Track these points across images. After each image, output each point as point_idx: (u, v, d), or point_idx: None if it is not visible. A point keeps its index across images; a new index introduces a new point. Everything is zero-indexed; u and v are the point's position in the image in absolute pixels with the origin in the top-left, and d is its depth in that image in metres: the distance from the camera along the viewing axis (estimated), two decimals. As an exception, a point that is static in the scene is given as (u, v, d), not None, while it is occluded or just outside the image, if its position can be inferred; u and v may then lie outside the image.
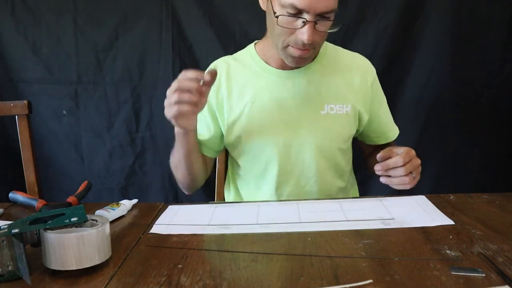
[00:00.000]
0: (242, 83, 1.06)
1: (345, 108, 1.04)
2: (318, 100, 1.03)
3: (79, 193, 0.94)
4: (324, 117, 1.03)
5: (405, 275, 0.57)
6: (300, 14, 0.87)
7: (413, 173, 0.88)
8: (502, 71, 1.61)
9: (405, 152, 0.88)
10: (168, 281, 0.59)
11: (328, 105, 1.03)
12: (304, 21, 0.87)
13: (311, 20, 0.86)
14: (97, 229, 0.61)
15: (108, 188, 1.76)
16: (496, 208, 0.83)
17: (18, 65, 1.69)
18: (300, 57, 0.94)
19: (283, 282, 0.57)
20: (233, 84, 1.06)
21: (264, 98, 1.03)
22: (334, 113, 1.03)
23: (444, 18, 1.56)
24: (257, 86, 1.04)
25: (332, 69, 1.05)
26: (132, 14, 1.64)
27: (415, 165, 0.88)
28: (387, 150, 0.90)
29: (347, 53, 1.11)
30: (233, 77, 1.07)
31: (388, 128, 1.16)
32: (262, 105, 1.03)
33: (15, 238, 0.60)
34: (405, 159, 0.87)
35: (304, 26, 0.87)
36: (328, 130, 1.04)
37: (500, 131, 1.65)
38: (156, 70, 1.68)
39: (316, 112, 1.03)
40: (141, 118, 1.72)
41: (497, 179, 1.67)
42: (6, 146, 1.69)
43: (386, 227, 0.75)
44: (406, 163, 0.86)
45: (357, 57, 1.11)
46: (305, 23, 0.87)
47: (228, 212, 0.88)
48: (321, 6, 0.85)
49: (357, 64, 1.08)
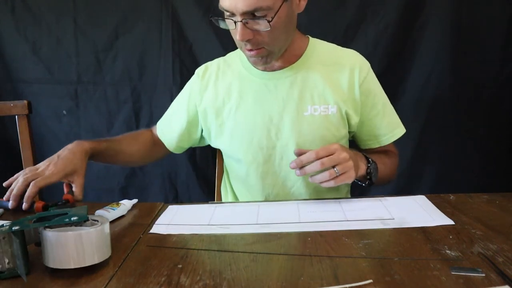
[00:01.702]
0: (228, 86, 1.07)
1: (331, 109, 1.01)
2: (301, 101, 1.01)
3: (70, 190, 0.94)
4: (307, 119, 1.01)
5: (405, 275, 0.57)
6: (233, 16, 0.89)
7: (336, 168, 0.84)
8: (502, 71, 1.60)
9: (324, 147, 0.86)
10: (168, 281, 0.59)
11: (311, 106, 1.01)
12: (235, 21, 0.89)
13: (238, 20, 0.89)
14: (96, 228, 0.61)
15: (108, 188, 1.76)
16: (496, 208, 0.83)
17: (18, 65, 1.69)
18: (252, 57, 0.96)
19: (283, 282, 0.57)
20: (220, 87, 1.08)
21: (249, 100, 1.04)
22: (318, 114, 1.01)
23: (444, 18, 1.56)
24: (242, 89, 1.05)
25: (318, 68, 1.02)
26: (132, 14, 1.64)
27: (336, 159, 0.84)
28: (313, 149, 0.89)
29: (338, 51, 1.07)
30: (221, 80, 1.08)
31: (381, 131, 1.08)
32: (246, 107, 1.04)
33: (15, 235, 0.60)
34: (320, 153, 0.84)
35: (236, 26, 0.90)
36: (311, 131, 1.01)
37: (500, 131, 1.65)
38: (156, 70, 1.68)
39: (298, 113, 1.01)
40: (141, 118, 1.72)
41: (497, 179, 1.67)
42: (6, 146, 1.70)
43: (386, 227, 0.75)
44: (322, 157, 0.84)
45: (347, 54, 1.06)
46: (235, 23, 0.90)
47: (228, 212, 0.88)
48: (242, 6, 0.86)
49: (347, 62, 1.03)
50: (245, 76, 1.06)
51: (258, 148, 1.03)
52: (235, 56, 1.11)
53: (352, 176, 0.86)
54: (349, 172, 0.86)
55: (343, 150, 0.86)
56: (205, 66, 1.13)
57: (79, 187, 0.93)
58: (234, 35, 0.93)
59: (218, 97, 1.07)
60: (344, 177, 0.85)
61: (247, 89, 1.04)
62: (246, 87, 1.05)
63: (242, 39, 0.90)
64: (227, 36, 1.62)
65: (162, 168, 1.74)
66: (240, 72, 1.07)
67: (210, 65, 1.13)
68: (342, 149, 0.86)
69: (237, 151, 1.06)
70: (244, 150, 1.05)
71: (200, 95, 1.10)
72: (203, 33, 1.62)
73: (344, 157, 0.85)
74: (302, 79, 1.02)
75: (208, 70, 1.12)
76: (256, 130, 1.03)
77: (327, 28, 1.57)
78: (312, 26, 1.40)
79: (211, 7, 1.61)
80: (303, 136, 1.01)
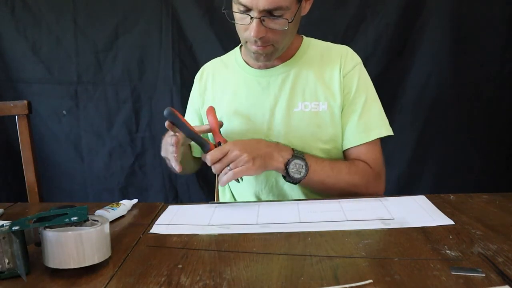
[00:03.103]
0: (223, 85, 1.09)
1: (321, 105, 1.00)
2: (292, 98, 1.01)
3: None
4: (297, 115, 1.01)
5: (405, 275, 0.57)
6: (248, 11, 0.89)
7: (230, 166, 0.88)
8: (502, 71, 1.61)
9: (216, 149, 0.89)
10: (168, 281, 0.59)
11: (302, 102, 1.01)
12: (251, 17, 0.89)
13: (255, 16, 0.88)
14: (96, 228, 0.61)
15: (108, 188, 1.76)
16: (496, 208, 0.83)
17: (18, 65, 1.70)
18: (257, 53, 0.96)
19: (283, 282, 0.57)
20: (217, 86, 1.10)
21: (242, 97, 1.05)
22: (309, 110, 1.00)
23: (444, 18, 1.57)
24: (236, 86, 1.07)
25: (311, 66, 1.03)
26: (132, 14, 1.64)
27: (227, 160, 0.88)
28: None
29: (330, 47, 1.07)
30: (218, 80, 1.11)
31: (352, 130, 1.01)
32: (240, 104, 1.05)
33: (15, 235, 0.60)
34: (214, 156, 0.88)
35: (251, 22, 0.89)
36: (301, 128, 1.00)
37: (500, 131, 1.66)
38: (156, 70, 1.68)
39: (289, 109, 1.01)
40: (141, 118, 1.72)
41: (497, 179, 1.67)
42: (6, 146, 1.70)
43: (386, 227, 0.75)
44: (214, 162, 0.88)
45: (338, 49, 1.05)
46: (252, 19, 0.89)
47: (228, 212, 0.88)
48: (263, 3, 0.86)
49: (335, 57, 1.03)
50: (239, 74, 1.07)
51: None
52: (232, 55, 1.13)
53: (250, 168, 0.88)
54: (246, 164, 0.87)
55: (235, 147, 0.88)
56: (202, 68, 1.16)
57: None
58: (244, 30, 0.94)
59: (215, 96, 1.09)
60: (241, 169, 0.87)
61: (241, 86, 1.06)
62: (240, 85, 1.06)
63: (257, 36, 0.90)
64: (227, 36, 1.64)
65: (162, 168, 1.74)
66: (235, 70, 1.08)
67: (206, 66, 1.16)
68: (234, 147, 0.89)
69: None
70: None
71: (201, 97, 1.12)
72: (203, 33, 1.63)
73: (235, 154, 0.88)
74: (294, 76, 1.03)
75: (205, 71, 1.14)
76: (249, 127, 1.04)
77: (327, 28, 1.58)
78: (312, 26, 1.40)
79: (211, 7, 1.61)
80: (293, 132, 1.01)
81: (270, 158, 0.92)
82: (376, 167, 1.01)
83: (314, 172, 0.94)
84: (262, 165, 0.91)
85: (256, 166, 0.89)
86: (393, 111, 1.64)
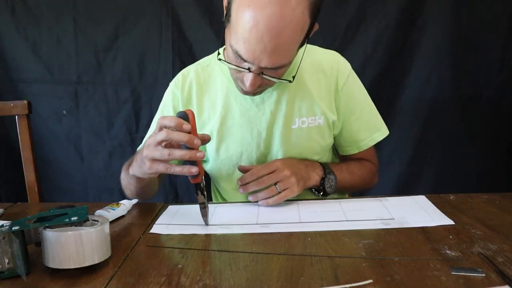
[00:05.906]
0: (213, 99, 1.00)
1: (318, 120, 0.98)
2: (289, 115, 0.97)
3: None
4: (295, 131, 0.98)
5: (405, 275, 0.57)
6: (245, 61, 0.79)
7: (278, 186, 0.87)
8: (502, 71, 1.61)
9: (265, 164, 0.89)
10: (168, 281, 0.59)
11: (299, 118, 0.97)
12: (249, 69, 0.80)
13: (254, 71, 0.80)
14: (96, 228, 0.61)
15: (108, 188, 1.76)
16: (496, 208, 0.83)
17: (18, 65, 1.70)
18: (246, 94, 0.90)
19: (283, 282, 0.57)
20: (205, 99, 1.00)
21: (235, 115, 0.98)
22: (306, 126, 0.98)
23: (444, 18, 1.56)
24: (227, 103, 0.98)
25: (304, 79, 0.97)
26: (132, 14, 1.64)
27: (276, 177, 0.87)
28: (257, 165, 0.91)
29: (321, 57, 1.00)
30: (205, 92, 1.01)
31: (360, 136, 1.03)
32: (234, 122, 0.98)
33: (15, 235, 0.60)
34: (260, 171, 0.87)
35: (249, 72, 0.80)
36: (299, 144, 0.98)
37: (500, 131, 1.65)
38: (156, 70, 1.68)
39: (287, 126, 0.97)
40: (141, 118, 1.72)
41: (497, 179, 1.67)
42: (6, 146, 1.70)
43: (386, 227, 0.75)
44: (262, 175, 0.87)
45: (328, 60, 1.00)
46: (250, 70, 0.80)
47: (228, 212, 0.88)
48: (266, 63, 0.77)
49: (328, 68, 0.98)
50: (229, 89, 0.98)
51: (248, 163, 1.00)
52: (214, 65, 1.02)
53: (295, 191, 0.88)
54: (291, 188, 0.88)
55: (284, 167, 0.89)
56: (181, 75, 1.04)
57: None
58: (239, 77, 0.85)
59: (204, 111, 1.00)
60: (286, 193, 0.87)
61: (233, 103, 0.98)
62: (232, 101, 0.98)
63: (253, 88, 0.82)
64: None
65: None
66: (223, 84, 0.99)
67: (186, 73, 1.03)
68: (284, 166, 0.89)
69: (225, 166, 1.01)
70: (233, 165, 1.00)
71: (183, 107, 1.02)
72: (203, 33, 1.63)
73: (285, 174, 0.88)
74: (290, 92, 0.97)
75: (187, 79, 1.02)
76: (245, 146, 0.98)
77: (327, 28, 1.57)
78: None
79: (211, 7, 1.61)
80: (292, 149, 0.99)
81: (309, 179, 0.93)
82: (376, 162, 1.10)
83: (339, 182, 0.98)
84: (303, 187, 0.91)
85: (299, 189, 0.89)
86: (393, 111, 1.64)
